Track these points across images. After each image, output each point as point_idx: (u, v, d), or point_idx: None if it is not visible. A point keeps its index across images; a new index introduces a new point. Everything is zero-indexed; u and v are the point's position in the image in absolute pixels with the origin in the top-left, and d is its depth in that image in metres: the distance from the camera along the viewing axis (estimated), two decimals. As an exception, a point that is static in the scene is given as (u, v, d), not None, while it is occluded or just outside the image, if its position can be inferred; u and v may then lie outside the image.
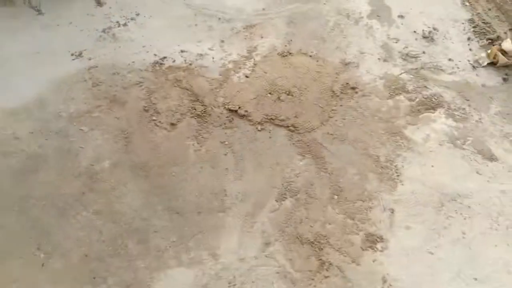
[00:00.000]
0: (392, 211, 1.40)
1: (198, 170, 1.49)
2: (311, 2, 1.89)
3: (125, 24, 1.80)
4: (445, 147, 1.52)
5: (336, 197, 1.44)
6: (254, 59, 1.72)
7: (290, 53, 1.74)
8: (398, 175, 1.47)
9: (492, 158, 1.50)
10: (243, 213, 1.41)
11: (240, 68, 1.70)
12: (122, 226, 1.38)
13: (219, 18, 1.83)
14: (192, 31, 1.79)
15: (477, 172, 1.47)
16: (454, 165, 1.48)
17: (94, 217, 1.40)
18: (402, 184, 1.45)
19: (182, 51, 1.73)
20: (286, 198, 1.44)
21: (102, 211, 1.40)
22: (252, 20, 1.84)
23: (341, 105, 1.60)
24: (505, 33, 1.83)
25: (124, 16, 1.82)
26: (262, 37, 1.78)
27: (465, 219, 1.38)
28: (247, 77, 1.68)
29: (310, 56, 1.73)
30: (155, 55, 1.72)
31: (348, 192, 1.44)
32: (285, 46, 1.75)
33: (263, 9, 1.87)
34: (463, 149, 1.51)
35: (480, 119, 1.58)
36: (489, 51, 1.73)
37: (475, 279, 1.30)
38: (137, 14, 1.83)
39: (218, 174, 1.48)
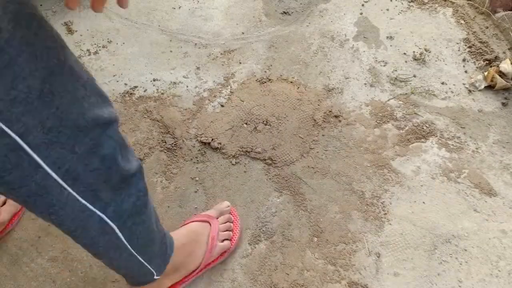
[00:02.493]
0: (379, 255, 1.25)
1: (165, 210, 1.37)
2: (293, 24, 1.78)
3: (96, 52, 1.71)
4: (438, 181, 1.36)
5: (315, 239, 1.29)
6: (231, 87, 1.61)
7: (269, 80, 1.62)
8: (385, 214, 1.32)
9: (491, 193, 1.35)
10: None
11: (215, 96, 1.58)
12: (79, 275, 1.25)
13: (195, 44, 1.73)
14: (166, 58, 1.69)
15: (474, 210, 1.32)
16: (448, 202, 1.33)
17: (49, 264, 1.28)
18: (390, 224, 1.30)
19: (154, 80, 1.63)
20: (260, 241, 1.30)
21: (57, 257, 1.28)
22: (230, 45, 1.74)
23: (323, 135, 1.47)
24: (504, 52, 1.69)
25: (95, 44, 1.73)
26: (240, 63, 1.67)
27: (461, 264, 1.23)
28: (222, 106, 1.56)
29: (291, 82, 1.61)
30: (125, 84, 1.62)
31: (329, 234, 1.29)
32: (265, 72, 1.64)
33: (243, 33, 1.77)
34: (458, 183, 1.36)
35: (477, 148, 1.43)
36: (486, 73, 1.59)
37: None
38: (109, 42, 1.74)
39: (186, 214, 1.35)
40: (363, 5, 1.83)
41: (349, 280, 1.20)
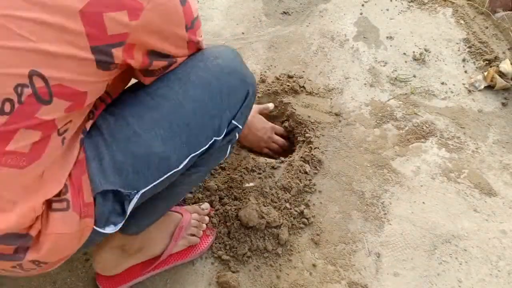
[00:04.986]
0: (378, 255, 1.25)
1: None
2: (293, 25, 1.79)
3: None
4: (438, 181, 1.37)
5: (315, 239, 1.29)
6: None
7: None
8: (385, 214, 1.32)
9: (490, 193, 1.35)
10: (212, 260, 1.27)
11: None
12: (79, 275, 1.26)
13: (196, 44, 1.73)
14: (167, 58, 1.69)
15: (474, 210, 1.32)
16: (448, 202, 1.33)
17: (49, 264, 1.28)
18: (390, 224, 1.31)
19: (154, 80, 1.63)
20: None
21: (58, 257, 1.28)
22: (230, 45, 1.74)
23: (323, 135, 1.47)
24: (504, 53, 1.69)
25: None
26: (240, 63, 1.68)
27: (461, 264, 1.23)
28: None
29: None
30: (125, 84, 1.63)
31: (329, 234, 1.29)
32: (265, 72, 1.64)
33: (243, 33, 1.77)
34: (458, 183, 1.36)
35: (476, 148, 1.43)
36: (486, 73, 1.59)
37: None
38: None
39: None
40: (363, 5, 1.83)
41: (349, 280, 1.20)
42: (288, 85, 1.53)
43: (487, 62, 1.63)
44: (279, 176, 1.35)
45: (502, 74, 1.55)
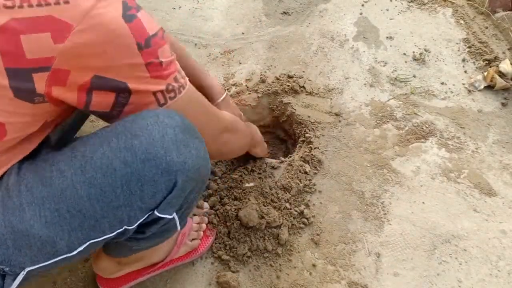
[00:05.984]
0: (378, 255, 1.25)
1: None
2: (293, 25, 1.79)
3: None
4: (438, 181, 1.37)
5: (315, 239, 1.29)
6: (230, 87, 1.62)
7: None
8: (385, 214, 1.32)
9: (490, 193, 1.35)
10: (212, 260, 1.27)
11: (215, 96, 1.59)
12: (79, 275, 1.26)
13: (195, 44, 1.73)
14: (167, 58, 1.69)
15: (474, 210, 1.32)
16: (447, 202, 1.33)
17: (49, 264, 1.28)
18: (390, 224, 1.31)
19: (154, 80, 1.63)
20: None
21: (58, 257, 1.29)
22: (230, 45, 1.74)
23: (323, 135, 1.47)
24: (504, 53, 1.69)
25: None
26: (240, 63, 1.68)
27: (460, 264, 1.23)
28: (222, 106, 1.57)
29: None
30: (125, 84, 1.63)
31: (329, 234, 1.29)
32: (265, 72, 1.65)
33: (243, 33, 1.77)
34: (458, 183, 1.36)
35: (476, 148, 1.43)
36: (485, 73, 1.59)
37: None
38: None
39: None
40: (363, 5, 1.83)
41: (349, 280, 1.20)
42: (288, 85, 1.53)
43: (487, 62, 1.63)
44: (279, 176, 1.35)
45: (502, 74, 1.56)
